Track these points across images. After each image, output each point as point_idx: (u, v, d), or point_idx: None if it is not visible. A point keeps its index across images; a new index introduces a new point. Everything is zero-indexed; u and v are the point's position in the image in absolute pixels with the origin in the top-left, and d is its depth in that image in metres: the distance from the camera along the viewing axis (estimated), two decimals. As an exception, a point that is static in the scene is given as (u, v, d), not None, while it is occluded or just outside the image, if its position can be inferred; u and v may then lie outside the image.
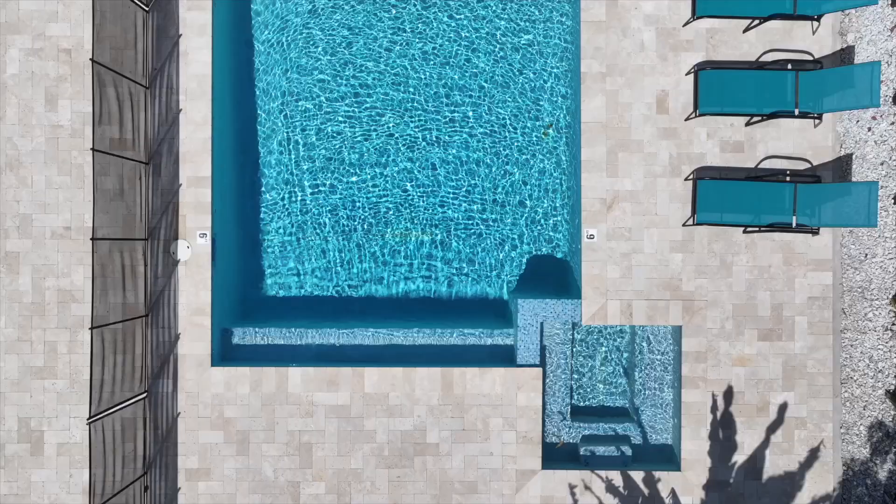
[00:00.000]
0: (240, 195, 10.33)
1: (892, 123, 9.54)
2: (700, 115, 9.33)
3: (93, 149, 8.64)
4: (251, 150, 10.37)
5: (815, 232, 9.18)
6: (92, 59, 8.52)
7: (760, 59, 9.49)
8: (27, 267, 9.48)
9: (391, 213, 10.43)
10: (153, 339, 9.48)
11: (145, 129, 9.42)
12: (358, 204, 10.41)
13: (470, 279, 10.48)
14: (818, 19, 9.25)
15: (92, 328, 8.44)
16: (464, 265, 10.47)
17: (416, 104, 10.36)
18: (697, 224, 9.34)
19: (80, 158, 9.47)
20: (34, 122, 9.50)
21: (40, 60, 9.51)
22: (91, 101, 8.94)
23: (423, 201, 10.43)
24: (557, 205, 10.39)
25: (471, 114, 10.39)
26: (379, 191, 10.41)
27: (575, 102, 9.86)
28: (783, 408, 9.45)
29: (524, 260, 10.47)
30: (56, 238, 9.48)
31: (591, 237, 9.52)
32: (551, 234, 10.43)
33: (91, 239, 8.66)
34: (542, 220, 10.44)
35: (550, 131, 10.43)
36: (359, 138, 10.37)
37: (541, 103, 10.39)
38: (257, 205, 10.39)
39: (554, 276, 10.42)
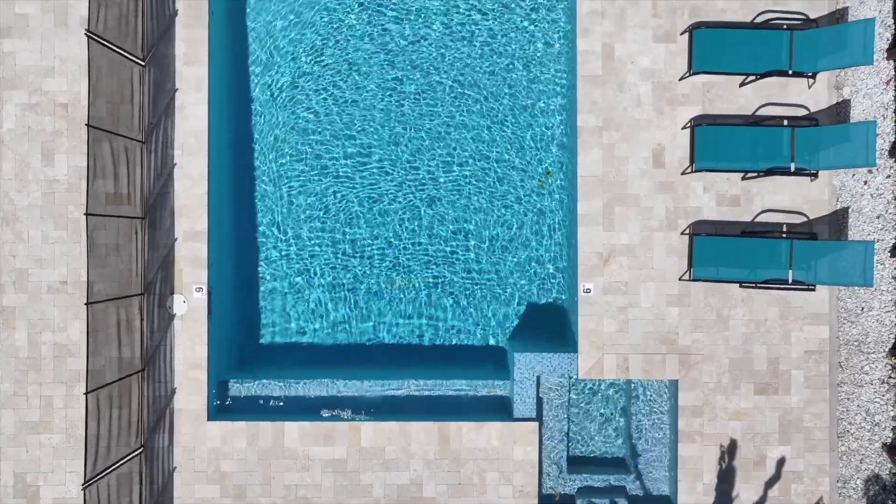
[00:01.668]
0: (236, 248, 10.35)
1: (889, 177, 9.55)
2: (696, 171, 9.33)
3: (87, 213, 8.63)
4: (247, 204, 10.38)
5: (811, 288, 9.18)
6: (88, 125, 8.51)
7: (756, 114, 9.50)
8: (23, 322, 9.48)
9: (387, 263, 10.43)
10: (149, 394, 9.48)
11: (141, 183, 9.42)
12: (354, 255, 10.42)
13: (466, 327, 10.48)
14: (814, 76, 9.26)
15: (87, 393, 8.44)
16: (460, 313, 10.46)
17: (415, 165, 10.39)
18: (694, 280, 9.34)
19: (77, 213, 9.47)
20: (30, 177, 9.51)
21: (37, 115, 9.51)
22: (87, 157, 8.91)
23: (420, 253, 10.43)
24: (555, 257, 10.40)
25: (468, 172, 10.43)
26: (378, 244, 10.42)
27: (571, 156, 9.86)
28: (780, 462, 9.44)
29: (521, 310, 10.47)
30: (52, 293, 9.48)
31: (587, 291, 9.52)
32: (548, 286, 10.43)
33: (86, 304, 8.64)
34: (539, 273, 10.44)
35: (548, 179, 10.44)
36: (355, 196, 10.39)
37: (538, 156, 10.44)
38: (254, 257, 10.40)
39: (551, 325, 10.42)
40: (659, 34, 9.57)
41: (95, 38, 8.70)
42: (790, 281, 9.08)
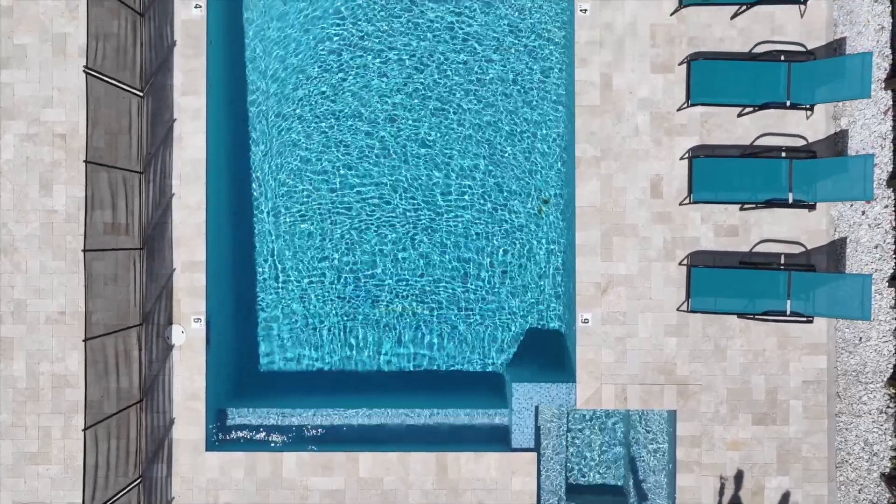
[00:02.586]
0: (234, 277, 10.35)
1: (887, 206, 9.55)
2: (694, 202, 9.34)
3: (84, 249, 8.63)
4: (246, 233, 10.38)
5: (809, 320, 9.17)
6: (85, 161, 8.52)
7: (754, 144, 9.51)
8: (21, 352, 9.48)
9: (385, 292, 10.44)
10: (148, 424, 9.47)
11: (139, 213, 9.43)
12: (352, 284, 10.43)
13: (464, 355, 10.48)
14: (811, 108, 9.26)
15: (85, 429, 8.42)
16: (458, 341, 10.47)
17: (413, 195, 10.41)
18: (692, 311, 9.34)
19: (75, 243, 9.47)
20: (29, 208, 9.51)
21: (35, 146, 9.52)
22: (85, 193, 8.91)
23: (418, 281, 10.44)
24: (553, 286, 10.41)
25: (466, 199, 10.44)
26: (376, 273, 10.43)
27: (569, 187, 9.87)
28: (779, 494, 9.44)
29: (519, 337, 10.47)
30: (50, 323, 9.48)
31: (585, 321, 9.52)
32: (546, 314, 10.43)
33: (84, 340, 8.64)
34: (538, 301, 10.44)
35: (546, 207, 10.44)
36: (353, 225, 10.40)
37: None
38: (253, 286, 10.40)
39: (550, 352, 10.42)
40: (657, 64, 9.58)
41: (94, 74, 8.70)
42: (788, 312, 9.08)
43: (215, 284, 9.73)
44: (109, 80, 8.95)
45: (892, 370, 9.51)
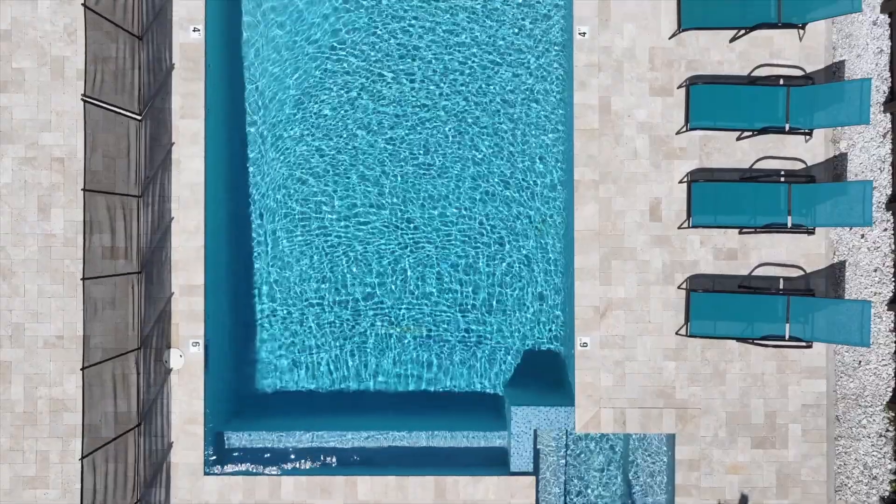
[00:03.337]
0: (233, 302, 10.33)
1: (886, 230, 9.54)
2: (693, 227, 9.33)
3: (84, 278, 8.62)
4: (244, 257, 10.37)
5: (808, 346, 9.16)
6: (84, 189, 8.51)
7: (754, 167, 9.50)
8: (19, 376, 9.46)
9: (383, 315, 10.44)
10: (146, 448, 9.45)
11: (138, 237, 9.42)
12: (351, 305, 10.42)
13: (463, 376, 10.47)
14: (810, 132, 9.25)
15: (82, 458, 8.41)
16: (458, 363, 10.46)
17: (409, 217, 10.41)
18: (691, 336, 9.33)
19: (73, 267, 9.46)
20: (27, 231, 9.50)
21: (33, 169, 9.51)
22: (83, 221, 8.90)
23: (418, 303, 10.44)
24: (552, 308, 10.42)
25: (466, 226, 10.45)
26: (375, 295, 10.42)
27: (568, 210, 9.86)
28: (777, 517, 9.44)
29: (518, 360, 10.47)
30: (48, 347, 9.47)
31: (584, 345, 9.51)
32: (545, 337, 10.43)
33: (81, 369, 8.63)
34: (536, 323, 10.44)
35: (543, 227, 10.43)
36: (353, 249, 10.40)
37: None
38: (251, 310, 10.38)
39: (549, 374, 10.41)
40: (656, 87, 9.57)
41: (92, 101, 8.69)
42: (787, 337, 9.07)
43: (213, 308, 9.71)
44: (107, 107, 8.94)
45: (891, 393, 9.51)
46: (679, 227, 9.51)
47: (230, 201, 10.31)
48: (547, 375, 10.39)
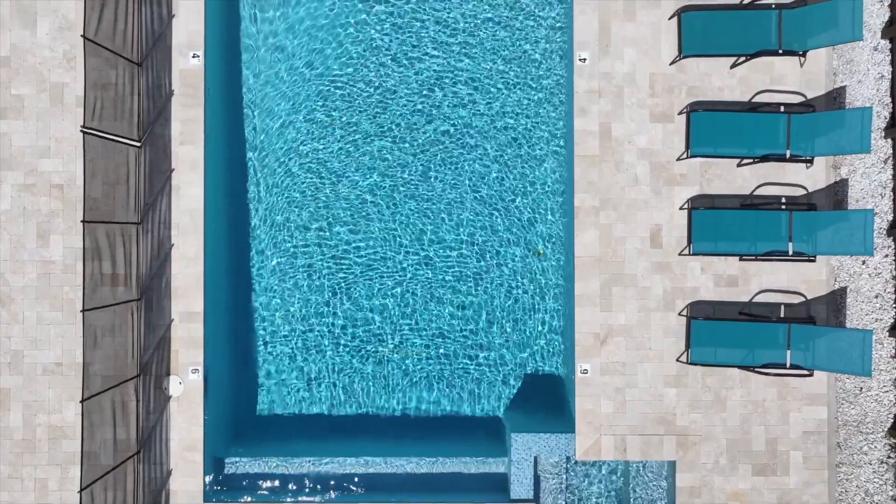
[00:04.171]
0: (232, 328, 10.31)
1: (887, 256, 9.52)
2: (694, 254, 9.31)
3: (83, 309, 8.60)
4: (243, 284, 10.36)
5: (809, 374, 9.14)
6: (83, 221, 8.48)
7: (755, 193, 9.48)
8: (18, 403, 9.44)
9: (383, 339, 10.43)
10: (145, 475, 9.42)
11: (137, 264, 9.39)
12: (352, 332, 10.40)
13: (463, 400, 10.46)
14: (811, 159, 9.23)
15: (81, 490, 8.38)
16: (458, 387, 10.44)
17: (404, 242, 10.40)
18: (691, 364, 9.31)
19: (72, 294, 9.44)
20: (26, 258, 9.48)
21: (32, 196, 9.49)
22: (83, 250, 8.88)
23: (418, 329, 10.42)
24: (552, 335, 10.41)
25: (466, 251, 10.44)
26: (376, 320, 10.41)
27: (568, 236, 9.84)
28: (778, 545, 9.41)
29: (518, 384, 10.45)
30: (47, 374, 9.44)
31: (584, 372, 9.49)
32: (546, 363, 10.41)
33: (81, 401, 8.60)
34: (537, 350, 10.42)
35: (542, 250, 10.41)
36: (353, 274, 10.39)
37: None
38: (251, 337, 10.36)
39: (549, 399, 10.40)
40: (656, 113, 9.55)
41: (91, 132, 8.67)
42: (788, 365, 9.04)
43: (213, 335, 9.69)
44: (107, 136, 8.92)
45: (892, 420, 9.48)
46: (679, 254, 9.49)
47: (230, 228, 10.29)
48: (547, 403, 10.37)
